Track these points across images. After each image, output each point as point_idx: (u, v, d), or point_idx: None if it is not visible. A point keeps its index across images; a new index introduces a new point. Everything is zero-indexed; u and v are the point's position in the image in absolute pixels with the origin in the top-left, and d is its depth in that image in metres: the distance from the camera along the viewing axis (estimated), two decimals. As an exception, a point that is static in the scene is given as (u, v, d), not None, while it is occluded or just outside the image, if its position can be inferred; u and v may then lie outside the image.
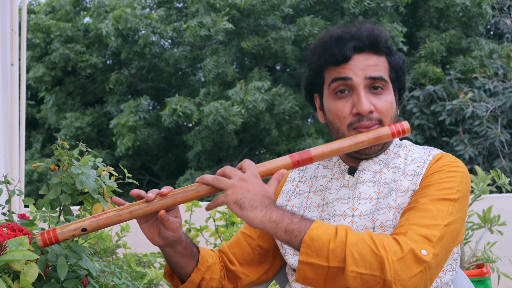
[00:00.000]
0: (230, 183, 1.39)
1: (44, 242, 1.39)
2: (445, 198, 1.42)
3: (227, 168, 1.43)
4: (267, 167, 1.46)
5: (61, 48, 11.55)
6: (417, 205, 1.42)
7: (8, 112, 3.00)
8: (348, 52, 1.50)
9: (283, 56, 10.81)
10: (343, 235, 1.31)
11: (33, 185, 10.99)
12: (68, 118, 11.49)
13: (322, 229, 1.33)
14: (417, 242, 1.32)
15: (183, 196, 1.42)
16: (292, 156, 1.48)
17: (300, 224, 1.34)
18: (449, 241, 1.38)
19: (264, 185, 1.41)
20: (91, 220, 1.39)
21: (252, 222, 1.36)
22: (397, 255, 1.29)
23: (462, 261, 3.05)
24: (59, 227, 1.40)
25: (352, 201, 1.53)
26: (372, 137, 1.49)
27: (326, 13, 11.43)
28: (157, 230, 1.49)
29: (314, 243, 1.31)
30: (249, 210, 1.36)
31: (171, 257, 1.56)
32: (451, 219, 1.40)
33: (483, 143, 9.49)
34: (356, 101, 1.51)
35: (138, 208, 1.40)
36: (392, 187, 1.50)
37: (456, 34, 11.03)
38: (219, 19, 10.28)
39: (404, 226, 1.37)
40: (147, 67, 11.77)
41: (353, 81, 1.51)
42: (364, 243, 1.30)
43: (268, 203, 1.37)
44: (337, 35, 1.54)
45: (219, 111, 9.69)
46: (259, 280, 1.71)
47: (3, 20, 3.01)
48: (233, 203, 1.37)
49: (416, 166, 1.52)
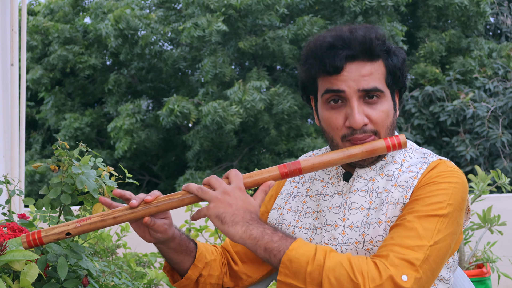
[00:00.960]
0: (213, 195, 1.38)
1: (29, 244, 1.41)
2: (433, 214, 1.38)
3: (212, 178, 1.42)
4: (254, 178, 1.44)
5: (59, 49, 11.55)
6: (403, 222, 1.38)
7: (8, 112, 3.00)
8: (339, 63, 1.44)
9: (281, 55, 10.81)
10: (322, 258, 1.30)
11: (35, 185, 10.98)
12: (67, 119, 11.49)
13: (301, 250, 1.32)
14: (398, 267, 1.29)
15: (168, 203, 1.42)
16: (281, 167, 1.46)
17: (280, 243, 1.33)
18: (435, 261, 1.35)
19: (248, 199, 1.39)
20: (75, 225, 1.41)
21: (233, 238, 1.35)
22: (375, 282, 1.27)
23: (462, 261, 3.05)
24: (44, 229, 1.41)
25: (344, 211, 1.51)
26: (365, 150, 1.46)
27: (326, 12, 11.42)
28: (147, 230, 1.49)
29: (292, 265, 1.31)
30: (230, 226, 1.35)
31: (165, 253, 1.56)
32: (439, 237, 1.36)
33: (484, 144, 9.49)
34: (349, 113, 1.46)
35: (122, 215, 1.41)
36: (383, 199, 1.47)
37: (456, 33, 11.03)
38: (213, 20, 10.28)
39: (387, 247, 1.35)
40: (146, 68, 11.78)
41: (346, 93, 1.46)
42: (342, 268, 1.29)
43: (250, 218, 1.36)
44: (328, 44, 1.47)
45: (217, 111, 9.69)
46: (262, 279, 1.70)
47: (3, 20, 3.01)
48: (214, 217, 1.37)
49: (408, 176, 1.47)
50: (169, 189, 11.53)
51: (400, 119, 10.10)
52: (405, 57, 1.55)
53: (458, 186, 1.44)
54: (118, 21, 10.70)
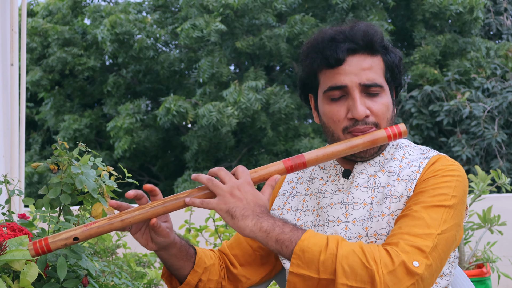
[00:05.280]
0: (224, 189, 1.38)
1: (36, 252, 1.39)
2: (439, 204, 1.40)
3: (222, 171, 1.42)
4: (260, 173, 1.45)
5: (58, 51, 11.54)
6: (410, 212, 1.40)
7: (8, 112, 3.00)
8: (341, 55, 1.47)
9: (278, 54, 10.82)
10: (334, 247, 1.31)
11: (33, 187, 10.98)
12: (66, 120, 11.49)
13: (313, 240, 1.32)
14: (409, 254, 1.31)
15: (175, 203, 1.42)
16: (285, 161, 1.47)
17: (291, 234, 1.33)
18: (443, 249, 1.37)
19: (257, 193, 1.40)
20: (83, 229, 1.39)
21: (243, 231, 1.35)
22: (388, 268, 1.28)
23: (462, 261, 3.05)
24: (51, 236, 1.40)
25: (346, 206, 1.51)
26: (368, 140, 1.48)
27: (316, 10, 11.44)
28: (150, 237, 1.49)
29: (305, 255, 1.31)
30: (240, 220, 1.35)
31: (166, 260, 1.56)
32: (445, 226, 1.38)
33: (480, 144, 9.50)
34: (351, 105, 1.49)
35: (129, 216, 1.41)
36: (386, 193, 1.48)
37: (452, 38, 11.01)
38: (211, 20, 10.29)
39: (396, 236, 1.36)
40: (143, 71, 11.79)
41: (348, 87, 1.48)
42: (354, 256, 1.29)
43: (260, 211, 1.36)
44: (330, 37, 1.50)
45: (211, 114, 9.71)
46: (261, 281, 1.70)
47: (3, 20, 3.01)
48: (225, 212, 1.37)
49: (410, 171, 1.49)
50: (168, 190, 11.52)
51: (398, 120, 10.11)
52: (401, 56, 1.58)
53: (460, 179, 1.47)
54: (114, 26, 10.71)
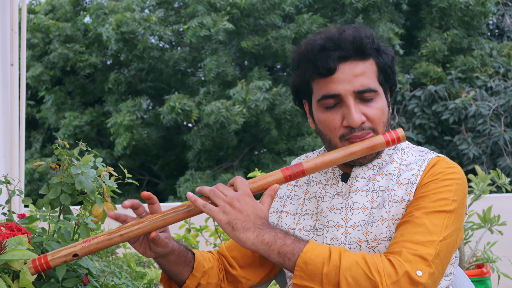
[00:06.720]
0: (225, 200, 1.38)
1: (36, 269, 1.38)
2: (441, 210, 1.40)
3: (220, 186, 1.42)
4: (259, 184, 1.44)
5: (60, 48, 11.54)
6: (412, 218, 1.39)
7: (8, 112, 3.00)
8: (332, 65, 1.45)
9: (283, 55, 10.79)
10: (337, 259, 1.30)
11: (34, 184, 10.97)
12: (67, 117, 11.49)
13: (315, 251, 1.32)
14: (412, 263, 1.31)
15: (174, 216, 1.42)
16: (284, 170, 1.46)
17: (293, 246, 1.33)
18: (445, 256, 1.37)
19: (257, 204, 1.39)
20: (82, 245, 1.39)
21: (244, 244, 1.35)
22: (392, 279, 1.28)
23: (462, 261, 3.05)
24: (50, 253, 1.39)
25: (345, 211, 1.51)
26: (366, 147, 1.47)
27: (326, 11, 11.41)
28: (148, 246, 1.49)
29: (308, 267, 1.31)
30: (241, 232, 1.35)
31: (165, 266, 1.56)
32: (447, 232, 1.38)
33: (486, 142, 9.50)
34: (346, 113, 1.47)
35: (128, 231, 1.41)
36: (385, 197, 1.48)
37: (459, 33, 11.01)
38: (219, 19, 10.27)
39: (399, 244, 1.36)
40: (146, 69, 11.77)
41: (342, 95, 1.47)
42: (358, 267, 1.29)
43: (261, 223, 1.36)
44: (320, 46, 1.48)
45: (220, 111, 9.67)
46: (261, 282, 1.70)
47: (3, 20, 3.01)
48: (225, 223, 1.37)
49: (410, 174, 1.49)
50: (169, 189, 11.52)
51: (401, 119, 10.09)
52: (394, 55, 1.57)
53: (460, 182, 1.47)
54: (120, 25, 10.68)
